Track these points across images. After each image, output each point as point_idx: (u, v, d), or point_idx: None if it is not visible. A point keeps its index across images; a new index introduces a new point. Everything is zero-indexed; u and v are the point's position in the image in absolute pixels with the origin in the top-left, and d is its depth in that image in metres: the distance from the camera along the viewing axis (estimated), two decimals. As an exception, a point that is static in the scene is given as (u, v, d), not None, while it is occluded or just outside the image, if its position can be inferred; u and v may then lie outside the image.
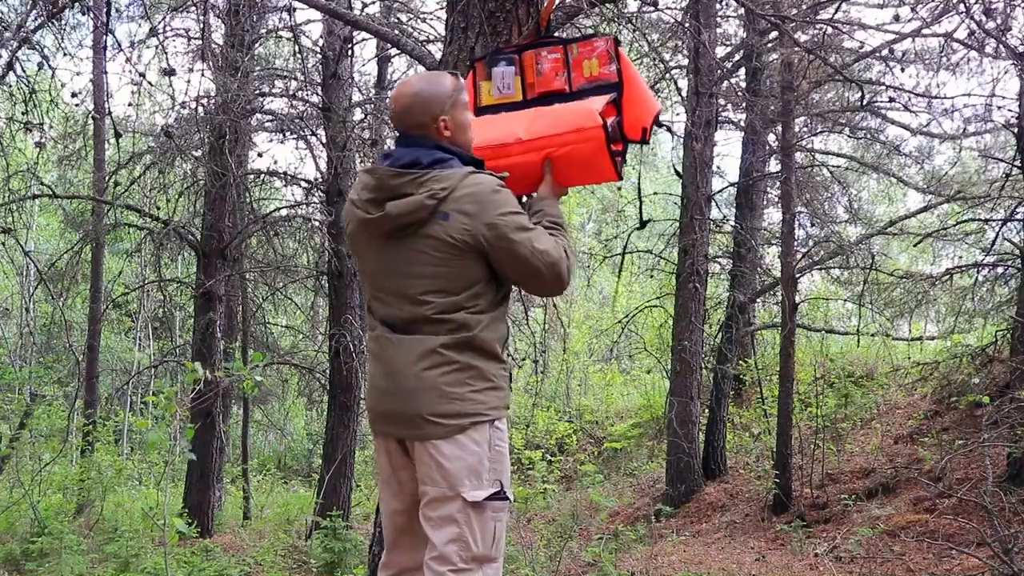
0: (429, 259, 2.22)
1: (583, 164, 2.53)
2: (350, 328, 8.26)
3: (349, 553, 6.52)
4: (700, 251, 9.16)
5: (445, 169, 2.22)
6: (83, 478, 8.94)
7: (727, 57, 10.11)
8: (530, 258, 2.23)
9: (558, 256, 2.27)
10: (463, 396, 2.23)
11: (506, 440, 2.34)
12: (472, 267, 2.23)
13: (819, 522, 7.58)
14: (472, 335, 2.23)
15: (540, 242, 2.25)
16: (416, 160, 2.24)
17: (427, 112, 2.27)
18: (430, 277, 2.23)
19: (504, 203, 2.22)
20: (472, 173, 2.22)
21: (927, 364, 8.77)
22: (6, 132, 6.92)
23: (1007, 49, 6.79)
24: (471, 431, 2.24)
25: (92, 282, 10.93)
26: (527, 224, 2.26)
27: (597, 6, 4.13)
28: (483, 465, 2.25)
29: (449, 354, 2.22)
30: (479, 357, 2.25)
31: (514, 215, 2.23)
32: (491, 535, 2.27)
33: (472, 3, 3.24)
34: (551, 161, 2.48)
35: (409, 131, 2.30)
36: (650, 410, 12.91)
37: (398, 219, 2.21)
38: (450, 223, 2.18)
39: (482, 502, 2.24)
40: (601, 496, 6.57)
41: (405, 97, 2.29)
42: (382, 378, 2.32)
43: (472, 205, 2.18)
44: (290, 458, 15.88)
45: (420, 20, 8.87)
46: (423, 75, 2.39)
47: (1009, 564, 4.67)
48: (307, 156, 18.41)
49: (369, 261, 2.34)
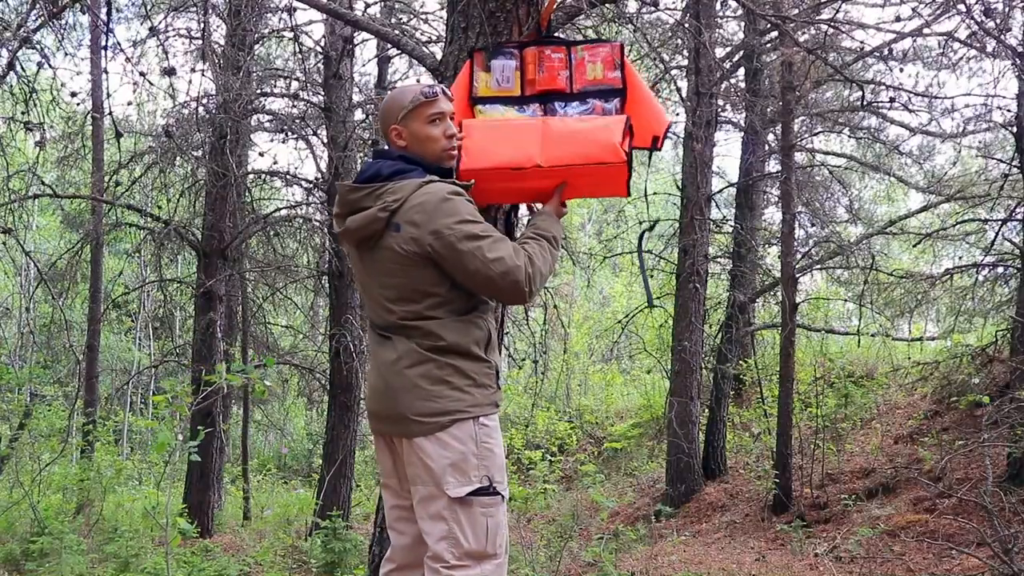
0: (388, 270, 2.28)
1: (596, 188, 2.62)
2: (350, 328, 8.25)
3: (349, 553, 6.52)
4: (700, 251, 9.16)
5: (401, 180, 2.26)
6: (83, 478, 8.94)
7: (727, 57, 10.11)
8: (480, 267, 2.22)
9: (513, 264, 2.24)
10: (442, 394, 2.26)
11: (497, 437, 2.34)
12: (427, 277, 2.25)
13: (819, 522, 7.58)
14: (443, 343, 2.27)
15: (493, 251, 2.22)
16: (377, 172, 2.30)
17: (384, 122, 2.39)
18: (392, 287, 2.29)
19: (453, 212, 2.21)
20: (426, 183, 2.24)
21: (927, 364, 8.77)
22: (6, 132, 6.91)
23: (1007, 49, 6.79)
24: (453, 429, 2.26)
25: (92, 282, 10.92)
26: (479, 232, 2.23)
27: (597, 6, 4.13)
28: (468, 462, 2.26)
29: (426, 354, 2.26)
30: (457, 358, 2.28)
31: (464, 223, 2.22)
32: (483, 531, 2.28)
33: (472, 3, 3.24)
34: (566, 185, 2.52)
35: (385, 148, 2.45)
36: (650, 410, 12.91)
37: (356, 233, 2.29)
38: (401, 234, 2.23)
39: (467, 498, 2.25)
40: (601, 496, 6.57)
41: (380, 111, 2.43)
42: (375, 377, 2.39)
43: (420, 215, 2.21)
44: (290, 458, 15.89)
45: (421, 20, 8.87)
46: (395, 88, 2.52)
47: (1009, 564, 4.67)
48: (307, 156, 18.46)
49: (354, 267, 2.44)
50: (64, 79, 17.41)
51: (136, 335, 18.27)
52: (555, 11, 3.26)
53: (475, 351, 2.30)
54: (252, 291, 10.23)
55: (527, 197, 2.65)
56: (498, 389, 2.38)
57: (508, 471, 2.50)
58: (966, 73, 8.61)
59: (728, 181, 11.51)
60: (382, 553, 3.79)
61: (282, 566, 6.99)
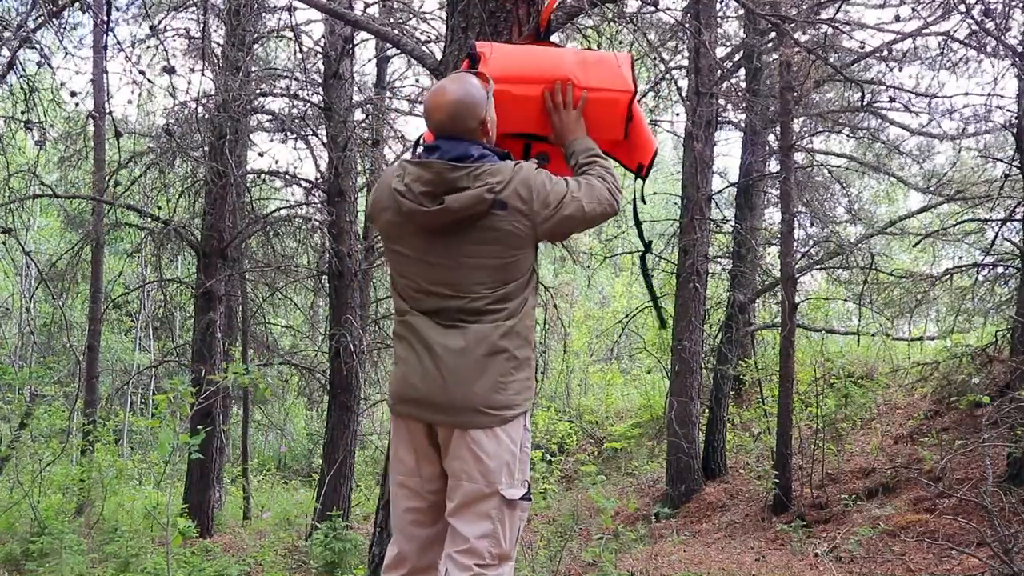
0: (487, 251, 2.26)
1: (598, 130, 2.59)
2: (350, 328, 8.25)
3: (349, 553, 6.52)
4: (700, 251, 9.16)
5: (495, 163, 2.28)
6: (83, 478, 8.94)
7: (727, 57, 10.11)
8: (586, 213, 2.35)
9: (600, 192, 2.38)
10: (508, 386, 2.28)
11: (530, 445, 2.40)
12: (526, 255, 2.32)
13: (819, 522, 7.58)
14: (517, 322, 2.30)
15: (587, 192, 2.36)
16: (466, 153, 2.27)
17: (474, 117, 2.32)
18: (487, 268, 2.27)
19: (547, 182, 2.31)
20: (517, 164, 2.31)
21: (927, 364, 8.76)
22: (6, 132, 6.91)
23: (1007, 49, 6.79)
24: (509, 426, 2.29)
25: (92, 282, 10.92)
26: (568, 188, 2.35)
27: (598, 6, 4.13)
28: (515, 464, 2.31)
29: (503, 343, 2.27)
30: (523, 346, 2.31)
31: (556, 186, 2.32)
32: (516, 534, 2.34)
33: (472, 3, 3.24)
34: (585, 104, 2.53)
35: (454, 136, 2.32)
36: (650, 410, 12.90)
37: (458, 213, 2.23)
38: (508, 212, 2.24)
39: (516, 500, 2.30)
40: (602, 497, 6.56)
41: (449, 106, 2.30)
42: (428, 363, 2.29)
43: (525, 191, 2.25)
44: (290, 458, 15.89)
45: (421, 20, 8.87)
46: (454, 80, 2.37)
47: (1009, 564, 4.67)
48: (307, 156, 18.46)
49: (416, 251, 2.32)
50: (64, 79, 17.40)
51: (136, 335, 18.26)
52: (555, 11, 3.25)
53: (533, 337, 2.37)
54: (252, 291, 10.24)
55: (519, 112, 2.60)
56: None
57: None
58: (966, 73, 8.59)
59: (728, 181, 11.52)
60: (382, 553, 3.78)
61: (282, 566, 6.99)
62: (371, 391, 10.61)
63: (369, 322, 9.70)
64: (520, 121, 2.57)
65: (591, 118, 2.53)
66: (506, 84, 2.48)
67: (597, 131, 2.56)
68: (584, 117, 2.51)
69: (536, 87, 2.50)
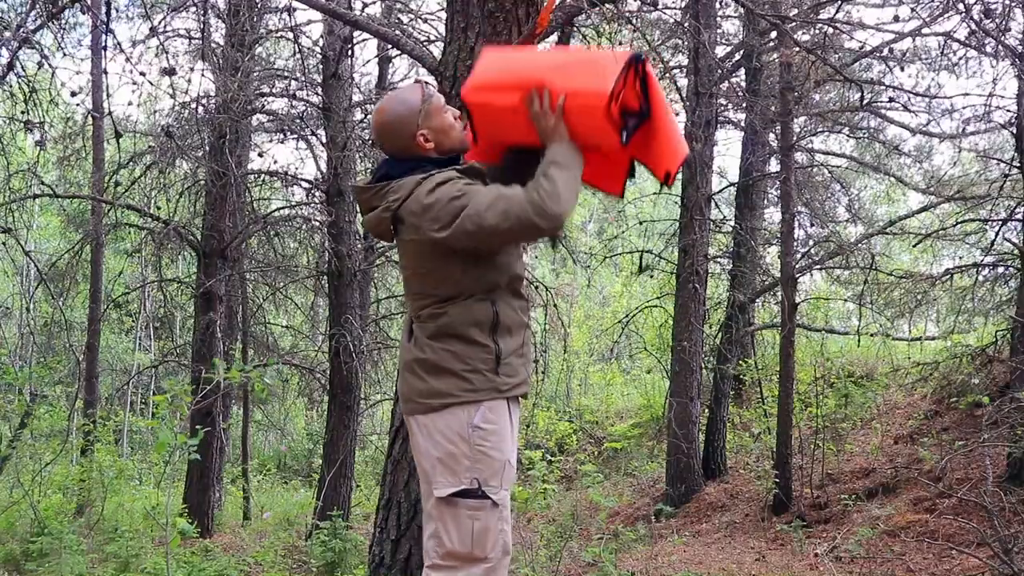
0: (410, 263, 2.37)
1: (586, 135, 2.33)
2: (350, 328, 8.25)
3: (349, 553, 6.51)
4: (700, 251, 9.16)
5: (403, 179, 2.30)
6: (83, 478, 8.93)
7: (727, 57, 10.11)
8: (486, 227, 2.17)
9: (514, 207, 2.16)
10: (435, 376, 2.30)
11: (495, 440, 2.28)
12: (448, 264, 2.29)
13: (819, 522, 7.58)
14: (448, 321, 2.31)
15: (478, 206, 2.18)
16: (387, 173, 2.36)
17: (402, 135, 2.35)
18: (418, 277, 2.37)
19: (446, 195, 2.20)
20: (424, 178, 2.25)
21: (927, 364, 8.75)
22: (6, 132, 6.91)
23: (1006, 49, 6.79)
24: (442, 420, 2.27)
25: (92, 282, 10.92)
26: (464, 202, 2.19)
27: (597, 6, 4.13)
28: (460, 463, 2.26)
29: (431, 341, 2.32)
30: (457, 342, 2.30)
31: (451, 201, 2.19)
32: (468, 533, 2.27)
33: (472, 3, 3.24)
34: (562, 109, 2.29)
35: (394, 155, 2.39)
36: (650, 410, 12.90)
37: (373, 231, 2.41)
38: (406, 228, 2.29)
39: (450, 498, 2.26)
40: (601, 496, 6.56)
41: (377, 127, 2.39)
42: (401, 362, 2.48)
43: (417, 206, 2.24)
44: (290, 458, 15.89)
45: (421, 20, 8.88)
46: (385, 99, 2.43)
47: (1009, 564, 4.67)
48: (307, 156, 18.44)
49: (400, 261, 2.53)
50: (64, 79, 17.40)
51: (136, 335, 18.26)
52: (555, 11, 3.26)
53: (471, 334, 2.29)
54: (252, 291, 10.24)
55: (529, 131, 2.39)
56: (503, 376, 2.30)
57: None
58: (966, 73, 8.60)
59: (728, 181, 11.52)
60: (382, 553, 3.79)
61: (282, 566, 6.99)
62: (371, 391, 10.61)
63: (369, 322, 9.71)
64: (512, 131, 2.41)
65: (574, 124, 2.30)
66: (487, 94, 2.38)
67: (588, 138, 2.33)
68: (567, 124, 2.28)
69: (515, 95, 2.32)
